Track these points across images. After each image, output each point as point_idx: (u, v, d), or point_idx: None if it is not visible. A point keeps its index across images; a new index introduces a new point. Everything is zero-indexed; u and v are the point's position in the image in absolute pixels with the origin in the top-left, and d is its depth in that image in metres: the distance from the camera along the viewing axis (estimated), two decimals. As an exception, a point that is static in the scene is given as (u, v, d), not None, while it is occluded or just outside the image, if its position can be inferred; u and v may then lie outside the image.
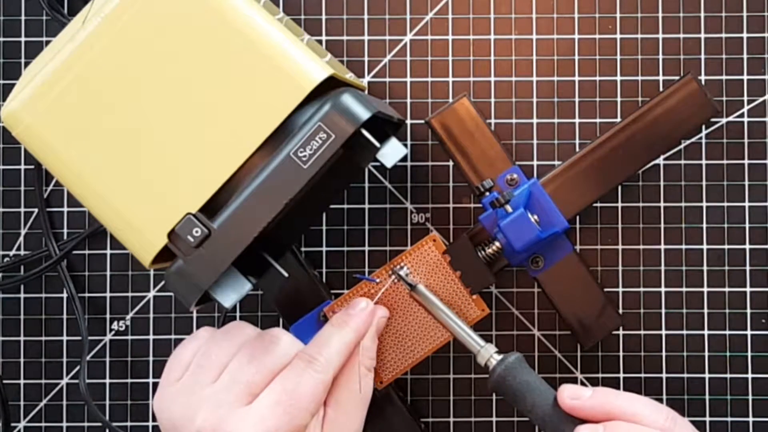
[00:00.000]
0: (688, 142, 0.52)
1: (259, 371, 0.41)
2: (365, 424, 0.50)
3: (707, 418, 0.51)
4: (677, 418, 0.40)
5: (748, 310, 0.52)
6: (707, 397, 0.51)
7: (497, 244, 0.48)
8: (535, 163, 0.52)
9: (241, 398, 0.40)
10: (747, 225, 0.52)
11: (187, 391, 0.40)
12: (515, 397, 0.42)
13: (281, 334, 0.43)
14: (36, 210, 0.53)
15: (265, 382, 0.41)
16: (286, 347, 0.42)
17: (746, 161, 0.52)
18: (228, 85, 0.39)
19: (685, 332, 0.52)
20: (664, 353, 0.52)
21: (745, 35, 0.52)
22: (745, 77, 0.52)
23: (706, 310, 0.52)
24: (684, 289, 0.52)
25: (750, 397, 0.51)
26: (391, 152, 0.43)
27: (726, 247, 0.52)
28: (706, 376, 0.52)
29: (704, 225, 0.52)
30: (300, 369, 0.41)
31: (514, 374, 0.42)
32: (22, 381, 0.53)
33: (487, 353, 0.44)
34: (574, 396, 0.41)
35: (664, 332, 0.52)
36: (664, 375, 0.52)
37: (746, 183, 0.51)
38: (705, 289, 0.52)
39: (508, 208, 0.46)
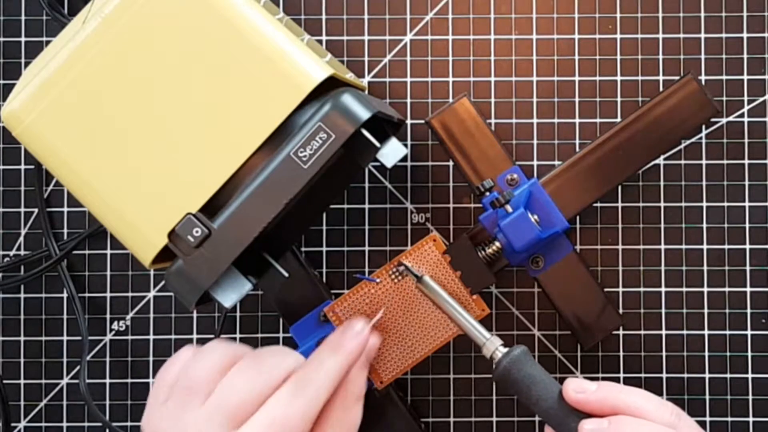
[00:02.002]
0: (688, 142, 0.52)
1: (248, 395, 0.38)
2: (365, 423, 0.50)
3: (707, 418, 0.51)
4: (681, 414, 0.40)
5: (748, 310, 0.52)
6: (707, 397, 0.51)
7: (497, 244, 0.48)
8: (535, 163, 0.52)
9: (227, 426, 0.38)
10: (747, 225, 0.52)
11: (172, 416, 0.39)
12: (520, 390, 0.42)
13: (268, 355, 0.41)
14: (36, 210, 0.53)
15: (254, 406, 0.38)
16: (276, 368, 0.40)
17: (746, 161, 0.52)
18: (228, 85, 0.39)
19: (685, 332, 0.52)
20: (664, 353, 0.52)
21: (745, 35, 0.52)
22: (745, 77, 0.52)
23: (706, 310, 0.52)
24: (684, 289, 0.52)
25: (750, 397, 0.51)
26: (391, 152, 0.43)
27: (726, 247, 0.52)
28: (706, 376, 0.52)
29: (704, 225, 0.52)
30: (291, 394, 0.39)
31: (519, 367, 0.42)
32: (22, 381, 0.53)
33: (493, 345, 0.44)
34: (579, 390, 0.41)
35: (664, 332, 0.52)
36: (664, 375, 0.52)
37: (746, 183, 0.52)
38: (705, 289, 0.52)
39: (508, 208, 0.46)
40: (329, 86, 0.40)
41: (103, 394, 0.53)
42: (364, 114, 0.39)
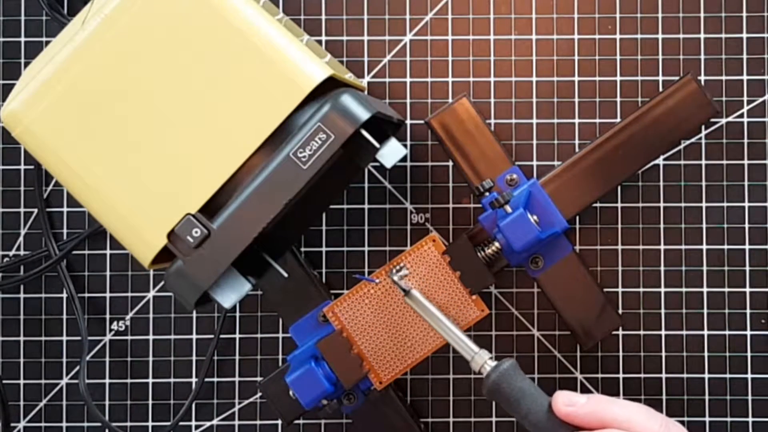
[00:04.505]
0: (688, 142, 0.52)
1: None
2: (365, 424, 0.50)
3: (707, 418, 0.51)
4: (671, 424, 0.40)
5: (748, 310, 0.52)
6: (707, 397, 0.51)
7: (497, 244, 0.48)
8: (535, 163, 0.52)
9: None
10: (747, 225, 0.52)
11: None
12: (510, 404, 0.42)
13: None
14: (36, 210, 0.53)
15: None
16: None
17: (746, 161, 0.52)
18: (228, 85, 0.39)
19: (684, 332, 0.52)
20: (664, 353, 0.52)
21: (745, 35, 0.52)
22: (745, 77, 0.52)
23: (705, 311, 0.52)
24: (684, 289, 0.52)
25: (750, 397, 0.51)
26: (391, 152, 0.43)
27: (726, 247, 0.52)
28: (706, 376, 0.52)
29: (704, 225, 0.52)
30: None
31: (509, 380, 0.42)
32: (22, 381, 0.53)
33: (481, 359, 0.43)
34: (568, 403, 0.41)
35: (663, 332, 0.52)
36: (663, 375, 0.52)
37: (746, 183, 0.51)
38: (705, 290, 0.52)
39: (508, 208, 0.46)
40: (329, 86, 0.40)
41: (102, 394, 0.53)
42: (364, 114, 0.39)
